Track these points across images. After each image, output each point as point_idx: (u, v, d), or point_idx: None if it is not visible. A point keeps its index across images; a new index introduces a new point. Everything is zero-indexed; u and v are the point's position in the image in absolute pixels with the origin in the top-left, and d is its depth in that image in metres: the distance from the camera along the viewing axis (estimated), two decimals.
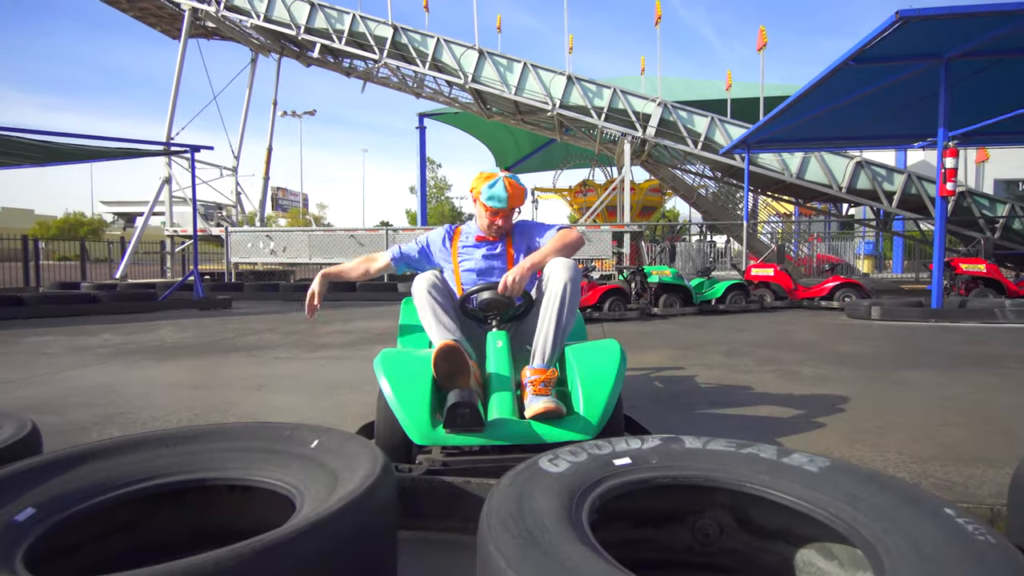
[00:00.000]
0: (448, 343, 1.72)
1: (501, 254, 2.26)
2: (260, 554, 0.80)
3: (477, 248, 2.26)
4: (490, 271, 2.24)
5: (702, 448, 1.24)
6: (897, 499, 0.98)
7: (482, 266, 2.23)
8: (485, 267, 2.23)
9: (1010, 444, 2.19)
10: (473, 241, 2.28)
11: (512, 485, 1.02)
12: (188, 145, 8.77)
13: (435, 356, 1.70)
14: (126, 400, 2.95)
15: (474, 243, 2.27)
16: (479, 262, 2.24)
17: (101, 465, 1.23)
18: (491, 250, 2.26)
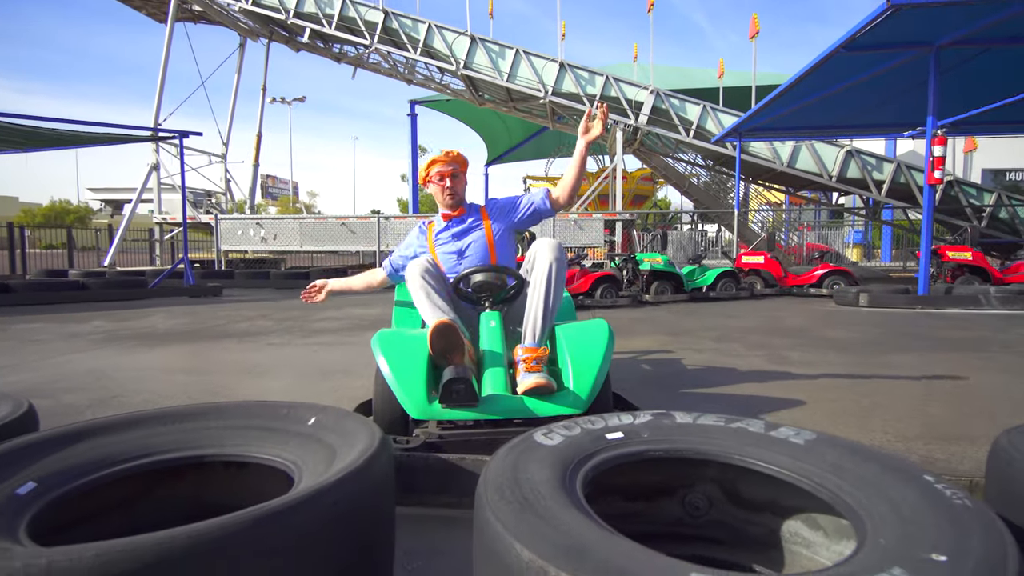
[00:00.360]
0: (444, 321, 1.76)
1: (474, 227, 2.29)
2: (262, 521, 0.82)
3: (449, 228, 2.30)
4: (466, 248, 2.27)
5: (692, 423, 1.27)
6: (879, 468, 1.01)
7: (459, 244, 2.27)
8: (463, 245, 2.27)
9: (991, 423, 2.24)
10: (442, 223, 2.32)
11: (507, 457, 1.04)
12: (177, 131, 8.67)
13: (431, 334, 1.73)
14: (119, 384, 2.95)
15: (444, 225, 2.31)
16: (454, 241, 2.28)
17: (100, 442, 1.24)
18: (460, 224, 2.29)
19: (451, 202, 2.26)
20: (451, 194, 2.25)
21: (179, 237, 13.89)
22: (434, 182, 2.27)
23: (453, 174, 2.25)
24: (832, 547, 1.20)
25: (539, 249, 2.01)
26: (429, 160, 2.28)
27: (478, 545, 0.87)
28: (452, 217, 2.30)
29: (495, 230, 2.30)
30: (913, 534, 0.80)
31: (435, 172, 2.25)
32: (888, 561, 0.73)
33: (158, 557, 0.73)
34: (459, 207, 2.29)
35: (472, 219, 2.31)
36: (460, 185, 2.29)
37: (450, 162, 2.25)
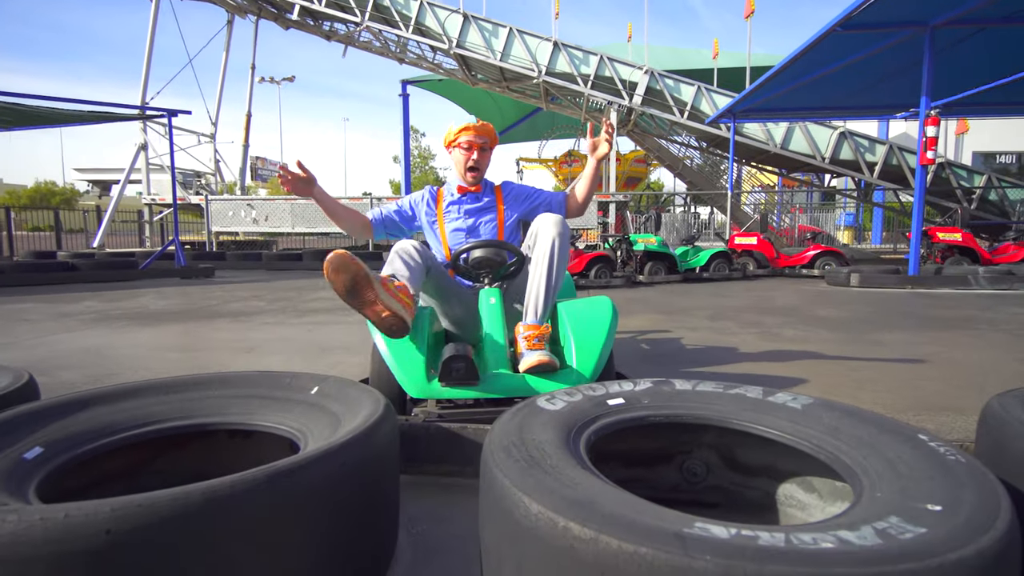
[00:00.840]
0: (338, 252, 1.52)
1: (488, 207, 2.23)
2: (274, 479, 0.83)
3: (461, 203, 2.23)
4: (476, 228, 2.22)
5: (691, 389, 1.29)
6: (875, 429, 1.04)
7: (470, 223, 2.22)
8: (473, 223, 2.22)
9: (980, 396, 2.29)
10: (456, 195, 2.24)
11: (512, 420, 1.06)
12: (165, 109, 8.53)
13: (327, 269, 1.52)
14: (115, 362, 2.95)
15: (457, 197, 2.23)
16: (466, 218, 2.22)
17: (104, 410, 1.25)
18: (475, 202, 2.23)
19: (472, 177, 2.19)
20: (475, 167, 2.17)
21: (169, 218, 13.75)
22: (461, 148, 2.17)
23: (482, 147, 2.17)
24: (826, 508, 1.24)
25: (542, 225, 1.96)
26: (462, 126, 2.17)
27: (485, 502, 0.89)
28: (468, 192, 2.23)
29: (507, 216, 2.26)
30: (909, 488, 0.82)
31: (465, 140, 2.15)
32: (885, 511, 0.75)
33: (173, 512, 0.75)
34: (478, 183, 2.22)
35: (487, 199, 2.25)
36: (485, 161, 2.20)
37: (483, 134, 2.17)
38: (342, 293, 1.55)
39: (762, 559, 0.62)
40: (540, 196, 2.33)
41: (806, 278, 7.74)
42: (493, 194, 2.28)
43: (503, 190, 2.30)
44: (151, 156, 13.35)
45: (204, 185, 15.87)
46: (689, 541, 0.65)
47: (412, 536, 1.25)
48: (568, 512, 0.72)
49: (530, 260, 2.05)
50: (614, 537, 0.66)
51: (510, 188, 2.32)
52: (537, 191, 2.35)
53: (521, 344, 1.78)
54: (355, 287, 1.55)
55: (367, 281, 1.55)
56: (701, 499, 1.38)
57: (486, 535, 0.90)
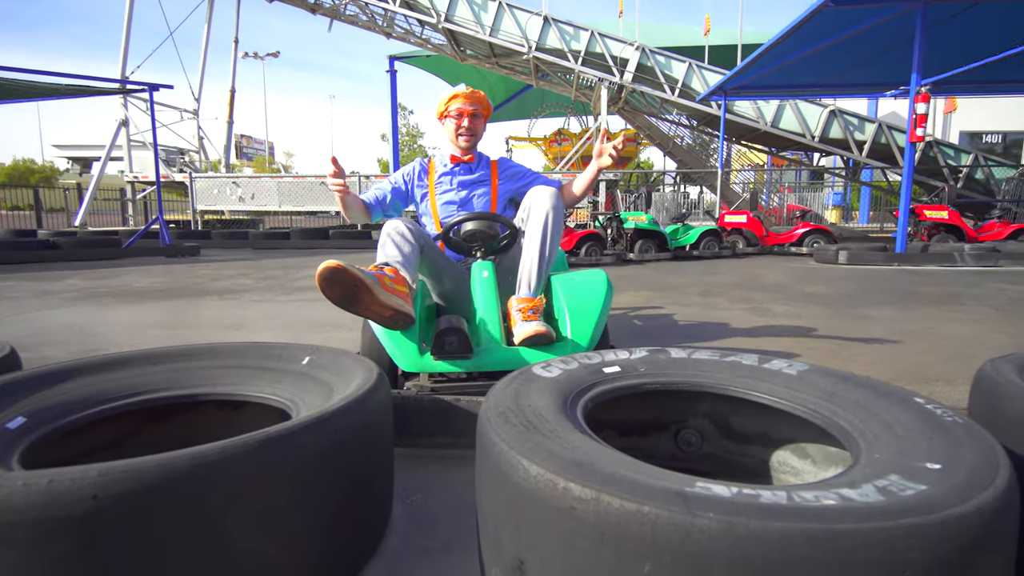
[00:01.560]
0: (328, 265, 1.44)
1: (482, 180, 2.20)
2: (266, 444, 0.81)
3: (454, 174, 2.18)
4: (469, 200, 2.19)
5: (687, 357, 1.28)
6: (871, 393, 1.03)
7: (463, 195, 2.18)
8: (466, 196, 2.18)
9: (968, 366, 2.32)
10: (449, 165, 2.19)
11: (508, 387, 1.04)
12: (146, 83, 8.30)
13: (320, 283, 1.46)
14: (100, 339, 2.90)
15: (450, 169, 2.19)
16: (458, 190, 2.18)
17: (88, 380, 1.22)
18: (468, 173, 2.19)
19: (466, 144, 2.14)
20: (468, 135, 2.12)
21: (152, 196, 13.50)
22: (451, 117, 2.12)
23: (474, 114, 2.11)
24: (820, 474, 1.24)
25: (536, 197, 1.92)
26: (452, 94, 2.11)
27: (482, 468, 0.88)
28: (461, 162, 2.18)
29: (501, 192, 2.22)
30: (907, 448, 0.82)
31: (455, 108, 2.10)
32: (885, 470, 0.75)
33: (160, 478, 0.73)
34: (472, 153, 2.17)
35: (482, 172, 2.20)
36: (478, 127, 2.15)
37: (474, 100, 2.11)
38: (340, 304, 1.51)
39: (765, 515, 0.62)
40: (536, 178, 2.29)
41: (795, 256, 7.78)
42: (488, 168, 2.23)
43: (500, 166, 2.26)
44: (132, 133, 13.04)
45: (188, 163, 15.57)
46: (692, 499, 0.65)
47: (406, 506, 1.25)
48: (568, 472, 0.70)
49: (523, 233, 2.03)
50: (615, 496, 0.65)
51: (507, 165, 2.29)
52: (533, 173, 2.32)
53: (515, 316, 1.76)
54: (351, 297, 1.50)
55: (363, 289, 1.49)
56: (695, 467, 1.38)
57: (483, 501, 0.89)
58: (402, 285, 1.62)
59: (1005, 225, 7.85)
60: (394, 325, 1.59)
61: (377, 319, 1.56)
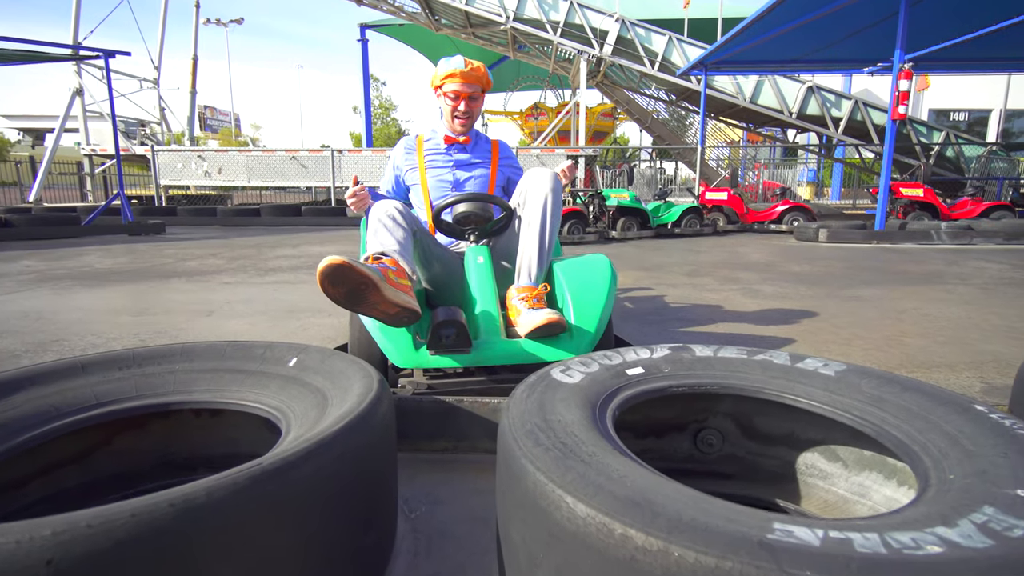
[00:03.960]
0: (331, 262, 1.29)
1: (480, 163, 2.06)
2: (259, 480, 0.69)
3: (449, 153, 2.04)
4: (465, 182, 2.04)
5: (713, 356, 1.19)
6: (923, 399, 0.95)
7: (459, 175, 2.03)
8: (462, 178, 2.03)
9: (964, 351, 2.30)
10: (442, 144, 2.04)
11: (530, 397, 0.93)
12: (101, 49, 7.78)
13: (322, 282, 1.32)
14: (59, 327, 2.69)
15: (444, 148, 2.04)
16: (454, 170, 2.03)
17: (43, 391, 1.06)
18: (463, 152, 2.05)
19: (462, 129, 1.99)
20: (465, 119, 1.97)
21: (112, 171, 12.86)
22: (448, 97, 1.94)
23: (471, 96, 1.94)
24: (851, 478, 1.17)
25: (533, 181, 1.80)
26: (449, 71, 1.90)
27: (511, 494, 0.77)
28: (455, 142, 2.04)
29: (499, 177, 2.08)
30: (987, 470, 0.73)
31: (452, 88, 1.91)
32: (973, 500, 0.67)
33: (135, 532, 0.59)
34: (468, 135, 2.03)
35: (481, 154, 2.07)
36: (476, 110, 1.99)
37: (473, 80, 1.92)
38: (343, 303, 1.36)
39: (870, 572, 0.52)
40: (516, 166, 2.21)
41: (775, 233, 7.80)
42: (488, 151, 2.09)
43: (501, 151, 2.12)
44: (88, 102, 12.32)
45: (149, 135, 14.84)
46: (779, 551, 0.55)
47: (411, 521, 1.14)
48: (626, 516, 0.60)
49: (520, 218, 1.91)
50: (688, 548, 0.55)
51: (507, 152, 2.16)
52: (516, 163, 2.23)
53: (518, 306, 1.64)
54: (357, 295, 1.35)
55: (370, 287, 1.35)
56: (715, 469, 1.30)
57: (512, 531, 0.78)
58: (404, 278, 1.48)
59: (977, 203, 7.99)
60: (399, 323, 1.46)
61: (382, 317, 1.42)
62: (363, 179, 11.79)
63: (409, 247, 1.65)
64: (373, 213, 1.72)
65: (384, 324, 1.51)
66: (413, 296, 1.46)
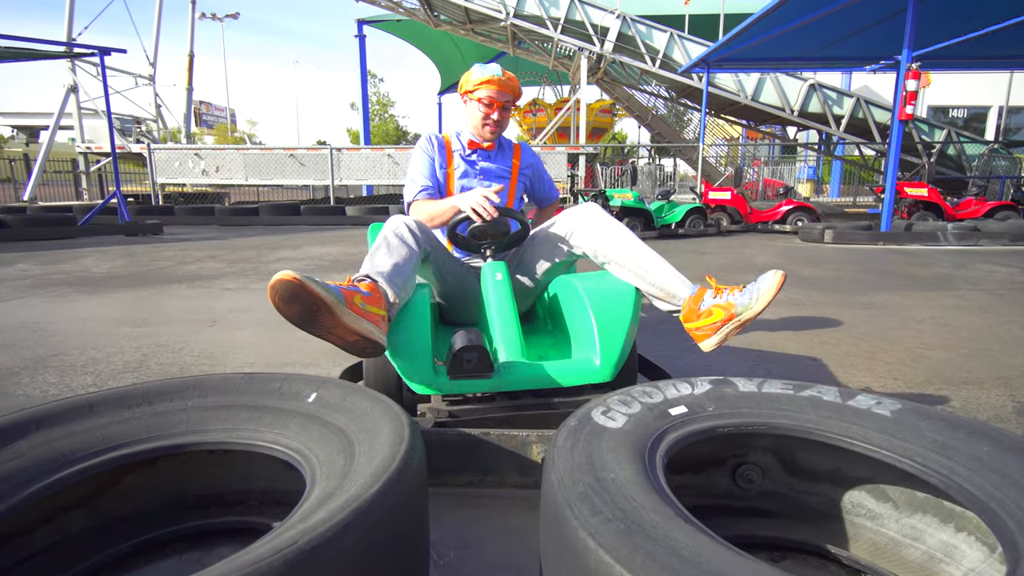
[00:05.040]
0: (282, 278, 1.20)
1: (502, 173, 1.99)
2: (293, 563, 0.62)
3: (472, 161, 1.97)
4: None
5: (758, 391, 1.13)
6: (995, 447, 0.89)
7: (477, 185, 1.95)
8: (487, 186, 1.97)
9: (989, 365, 2.24)
10: (465, 149, 1.98)
11: (575, 448, 0.87)
12: (96, 47, 7.66)
13: (273, 299, 1.23)
14: (58, 340, 2.61)
15: (468, 153, 1.98)
16: (479, 179, 1.97)
17: (49, 435, 0.99)
18: (486, 159, 1.98)
19: (491, 136, 1.94)
20: (495, 127, 1.92)
21: (107, 168, 12.73)
22: (481, 103, 1.88)
23: (504, 106, 1.90)
24: (902, 520, 1.11)
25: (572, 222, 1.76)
26: (484, 77, 1.86)
27: (564, 561, 0.71)
28: (479, 148, 1.98)
29: (518, 187, 2.02)
30: None
31: (486, 95, 1.86)
32: None
33: None
34: (492, 142, 1.98)
35: (504, 161, 2.01)
36: (506, 120, 1.95)
37: (507, 90, 1.88)
38: (297, 324, 1.27)
39: None
40: (548, 183, 2.17)
41: (779, 234, 7.75)
42: (510, 157, 2.03)
43: (523, 156, 2.05)
44: (83, 100, 12.16)
45: (145, 132, 14.69)
46: None
47: (439, 568, 1.07)
48: None
49: (539, 231, 1.86)
50: None
51: (530, 158, 2.09)
52: (548, 176, 2.18)
53: (726, 300, 1.49)
54: (310, 316, 1.25)
55: (323, 309, 1.24)
56: (755, 506, 1.25)
57: None
58: (376, 306, 1.35)
59: (981, 203, 7.95)
60: (360, 352, 1.35)
61: (340, 344, 1.30)
62: (360, 177, 11.71)
63: (407, 270, 1.52)
64: (384, 229, 1.64)
65: (350, 353, 1.40)
66: (382, 326, 1.35)
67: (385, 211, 10.07)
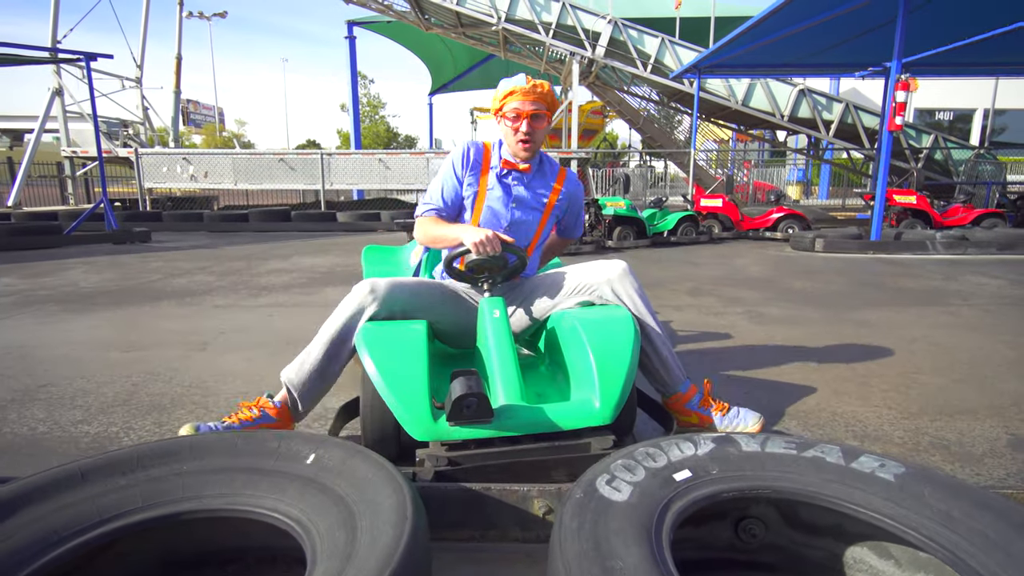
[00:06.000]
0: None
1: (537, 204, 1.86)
2: None
3: (508, 184, 1.83)
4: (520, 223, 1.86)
5: (761, 451, 1.13)
6: (1000, 522, 0.89)
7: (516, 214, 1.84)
8: (520, 216, 1.85)
9: (982, 392, 2.26)
10: (500, 167, 1.84)
11: (581, 530, 0.86)
12: (82, 52, 7.55)
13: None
14: (45, 368, 2.57)
15: (502, 171, 1.84)
16: (507, 202, 1.83)
17: (40, 510, 0.97)
18: (524, 185, 1.84)
19: (526, 154, 1.78)
20: (527, 142, 1.75)
21: (93, 173, 12.54)
22: (508, 119, 1.74)
23: (535, 115, 1.72)
24: None
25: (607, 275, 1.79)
26: (508, 90, 1.73)
27: None
28: (515, 169, 1.82)
29: (550, 219, 1.92)
30: None
31: (512, 107, 1.72)
32: None
33: None
34: (529, 164, 1.82)
35: (541, 188, 1.87)
36: (541, 132, 1.77)
37: (536, 98, 1.72)
38: None
39: None
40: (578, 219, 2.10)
41: (770, 241, 7.80)
42: (551, 181, 1.89)
43: (567, 183, 1.92)
44: (68, 103, 11.99)
45: (132, 135, 14.51)
46: None
47: None
48: None
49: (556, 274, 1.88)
50: None
51: (572, 187, 1.96)
52: (582, 211, 2.10)
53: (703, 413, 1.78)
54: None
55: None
56: (757, 559, 1.24)
57: None
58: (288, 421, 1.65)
59: (969, 210, 8.04)
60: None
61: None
62: (351, 181, 11.63)
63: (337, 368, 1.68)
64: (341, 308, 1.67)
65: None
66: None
67: (377, 217, 10.01)
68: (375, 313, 1.67)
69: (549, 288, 1.88)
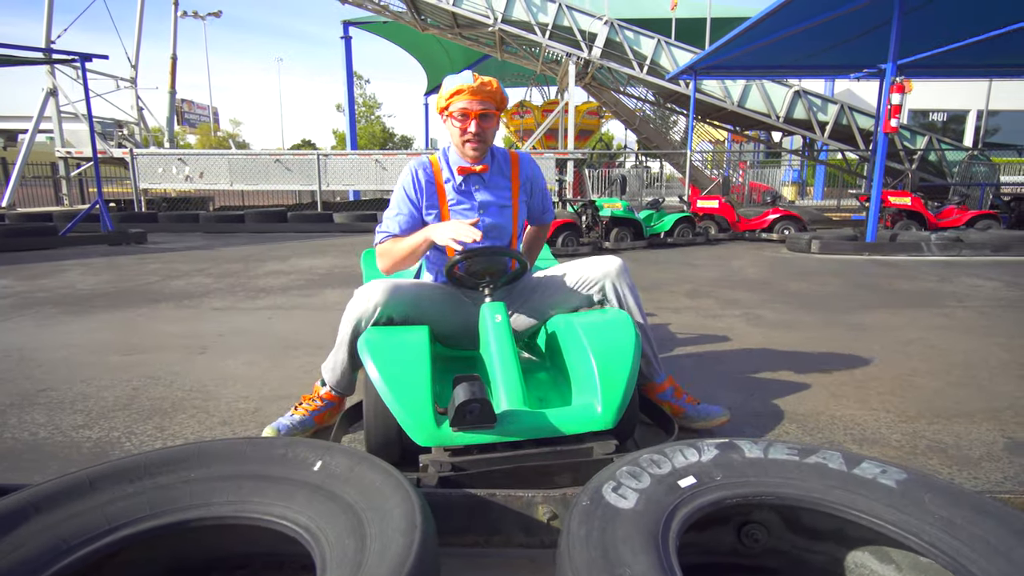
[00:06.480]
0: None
1: (502, 199, 1.82)
2: None
3: (467, 193, 1.80)
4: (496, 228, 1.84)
5: (764, 457, 1.14)
6: (1001, 528, 0.91)
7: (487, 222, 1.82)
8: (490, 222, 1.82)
9: (978, 395, 2.29)
10: (457, 178, 1.79)
11: (589, 538, 0.87)
12: (77, 53, 7.52)
13: None
14: (44, 371, 2.56)
15: (458, 181, 1.79)
16: (478, 211, 1.81)
17: (49, 519, 0.97)
18: (483, 186, 1.80)
19: (475, 154, 1.72)
20: (476, 142, 1.69)
21: (88, 174, 12.49)
22: (455, 118, 1.67)
23: (483, 114, 1.67)
24: None
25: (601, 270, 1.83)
26: (455, 87, 1.65)
27: None
28: (471, 173, 1.76)
29: (521, 208, 1.87)
30: None
31: (459, 107, 1.65)
32: None
33: None
34: (484, 163, 1.76)
35: (501, 181, 1.81)
36: (491, 131, 1.71)
37: (483, 97, 1.65)
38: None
39: None
40: (545, 200, 2.03)
41: (766, 242, 7.83)
42: (508, 171, 1.84)
43: (521, 168, 1.86)
44: (63, 103, 11.93)
45: (127, 136, 14.44)
46: None
47: None
48: None
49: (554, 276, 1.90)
50: None
51: (529, 170, 1.89)
52: (547, 193, 2.02)
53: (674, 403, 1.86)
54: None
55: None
56: (760, 564, 1.26)
57: None
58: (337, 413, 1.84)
59: (963, 211, 8.10)
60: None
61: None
62: (347, 182, 11.62)
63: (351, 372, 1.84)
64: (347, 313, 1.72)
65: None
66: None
67: (373, 218, 10.01)
68: (377, 317, 1.68)
69: (549, 287, 1.89)
